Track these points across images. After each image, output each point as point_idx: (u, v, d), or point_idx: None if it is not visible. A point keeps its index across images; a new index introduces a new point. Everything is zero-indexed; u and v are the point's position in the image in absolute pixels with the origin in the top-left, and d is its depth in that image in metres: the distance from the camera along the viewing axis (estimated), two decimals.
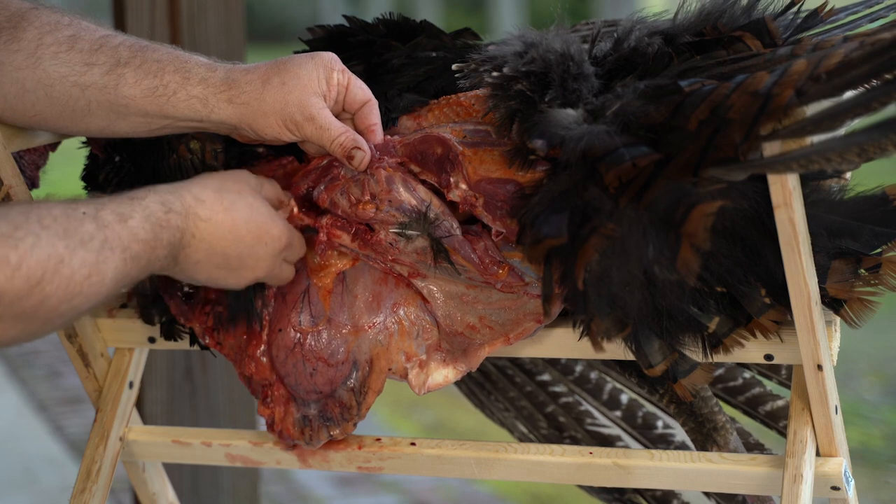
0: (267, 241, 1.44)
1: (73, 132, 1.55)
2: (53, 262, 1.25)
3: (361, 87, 1.49)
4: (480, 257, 1.44)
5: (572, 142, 1.35)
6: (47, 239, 1.25)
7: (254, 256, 1.44)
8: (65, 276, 1.26)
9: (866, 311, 1.40)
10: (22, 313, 1.24)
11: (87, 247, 1.29)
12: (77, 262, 1.27)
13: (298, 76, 1.45)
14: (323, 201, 1.49)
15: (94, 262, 1.29)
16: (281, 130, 1.46)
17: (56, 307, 1.26)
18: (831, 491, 1.44)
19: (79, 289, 1.27)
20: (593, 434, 1.81)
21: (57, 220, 1.28)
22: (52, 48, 1.47)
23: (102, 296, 1.31)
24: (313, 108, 1.45)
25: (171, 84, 1.46)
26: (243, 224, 1.42)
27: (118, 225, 1.32)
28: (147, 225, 1.35)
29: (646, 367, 1.40)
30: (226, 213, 1.41)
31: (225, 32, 2.33)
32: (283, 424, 1.53)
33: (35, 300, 1.24)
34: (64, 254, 1.26)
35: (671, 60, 1.44)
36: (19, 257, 1.23)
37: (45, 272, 1.24)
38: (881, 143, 1.18)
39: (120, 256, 1.32)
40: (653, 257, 1.30)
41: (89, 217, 1.30)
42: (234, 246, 1.42)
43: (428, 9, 10.55)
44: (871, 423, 3.32)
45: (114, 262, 1.31)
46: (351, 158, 1.45)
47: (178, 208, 1.38)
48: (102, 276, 1.30)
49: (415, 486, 3.08)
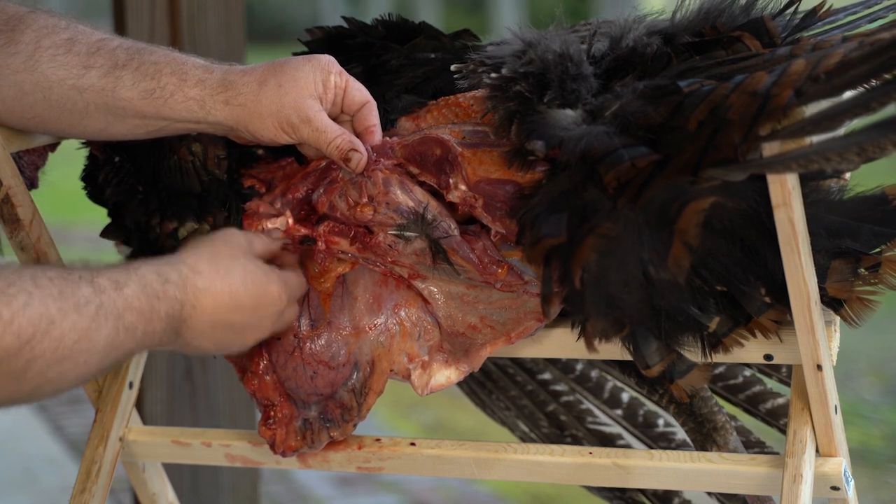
0: (267, 302, 1.43)
1: (72, 134, 1.55)
2: (45, 323, 1.23)
3: (359, 89, 1.48)
4: (479, 257, 1.44)
5: (571, 142, 1.35)
6: (40, 298, 1.23)
7: (257, 318, 1.43)
8: (54, 338, 1.24)
9: (866, 311, 1.40)
10: (10, 372, 1.22)
11: (81, 311, 1.26)
12: (68, 326, 1.25)
13: (295, 78, 1.45)
14: (322, 205, 1.49)
15: (86, 328, 1.27)
16: (277, 132, 1.46)
17: (44, 370, 1.24)
18: (831, 491, 1.44)
19: (67, 353, 1.25)
20: (594, 433, 1.81)
21: (52, 280, 1.26)
22: (50, 51, 1.47)
23: (93, 365, 1.28)
24: (309, 110, 1.45)
25: (169, 86, 1.46)
26: (242, 290, 1.40)
27: (114, 292, 1.30)
28: (143, 295, 1.32)
29: (643, 368, 1.40)
30: (223, 281, 1.39)
31: (225, 32, 2.33)
32: (286, 445, 1.53)
33: (23, 359, 1.22)
34: (55, 315, 1.24)
35: (670, 60, 1.44)
36: (11, 314, 1.21)
37: (36, 332, 1.22)
38: (880, 142, 1.18)
39: (113, 325, 1.29)
40: (647, 256, 1.30)
41: (85, 281, 1.28)
42: (235, 313, 1.40)
43: (428, 9, 10.55)
44: (871, 423, 3.32)
45: (106, 331, 1.29)
46: (348, 161, 1.45)
47: (175, 279, 1.36)
48: (93, 344, 1.27)
49: (415, 486, 3.08)
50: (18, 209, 1.55)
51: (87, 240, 5.19)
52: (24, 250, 1.57)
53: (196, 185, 1.57)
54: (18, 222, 1.55)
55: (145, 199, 1.59)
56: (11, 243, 1.57)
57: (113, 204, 1.62)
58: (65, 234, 5.25)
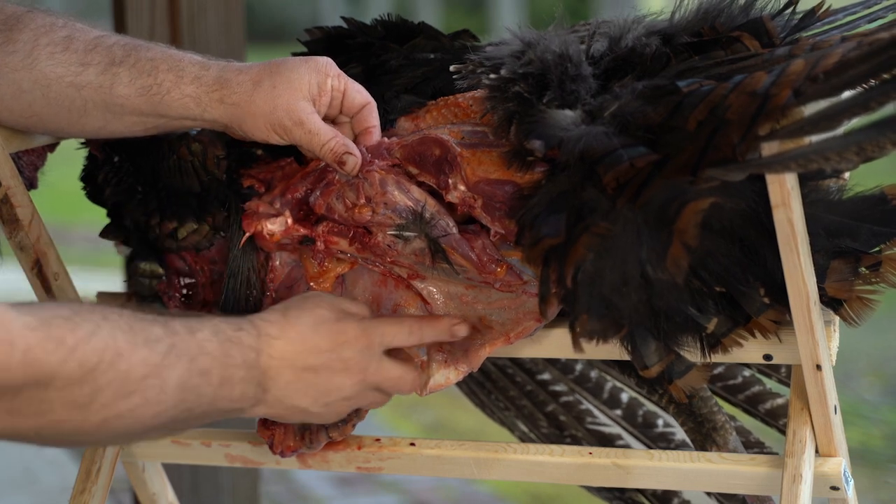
0: (345, 339, 1.40)
1: (71, 133, 1.55)
2: (111, 354, 1.21)
3: (359, 91, 1.48)
4: (479, 256, 1.44)
5: (570, 143, 1.35)
6: (108, 330, 1.21)
7: (341, 360, 1.40)
8: (121, 371, 1.21)
9: (866, 311, 1.40)
10: (73, 401, 1.20)
11: (152, 348, 1.24)
12: (136, 359, 1.23)
13: (290, 80, 1.44)
14: (319, 207, 1.49)
15: (157, 363, 1.24)
16: (269, 133, 1.45)
17: (110, 403, 1.21)
18: (831, 491, 1.45)
19: (135, 387, 1.22)
20: (594, 433, 1.81)
21: (122, 316, 1.24)
22: (48, 49, 1.47)
23: (166, 405, 1.25)
24: (302, 112, 1.44)
25: (165, 83, 1.46)
26: (314, 334, 1.38)
27: (186, 334, 1.28)
28: (215, 340, 1.31)
29: (642, 369, 1.40)
30: (293, 328, 1.37)
31: (225, 32, 2.33)
32: (284, 444, 1.53)
33: (88, 388, 1.20)
34: (124, 347, 1.22)
35: (669, 61, 1.43)
36: (76, 341, 1.19)
37: (101, 362, 1.20)
38: (879, 141, 1.18)
39: (186, 366, 1.27)
40: (645, 256, 1.30)
41: (158, 323, 1.27)
42: (314, 356, 1.38)
43: (428, 9, 10.54)
44: (870, 423, 3.32)
45: (178, 371, 1.26)
46: (343, 164, 1.45)
47: (248, 327, 1.35)
48: (163, 381, 1.25)
49: (415, 486, 3.08)
50: (17, 209, 1.55)
51: (86, 240, 5.20)
52: (23, 250, 1.57)
53: (195, 185, 1.57)
54: (17, 222, 1.55)
55: (144, 199, 1.59)
56: (10, 243, 1.57)
57: (112, 204, 1.62)
58: (64, 235, 5.25)
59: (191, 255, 1.58)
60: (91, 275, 3.96)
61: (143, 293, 1.60)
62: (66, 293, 1.60)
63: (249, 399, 1.35)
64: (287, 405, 1.39)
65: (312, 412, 1.40)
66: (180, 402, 1.27)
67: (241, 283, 1.54)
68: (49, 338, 1.17)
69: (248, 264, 1.54)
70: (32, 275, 1.59)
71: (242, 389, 1.34)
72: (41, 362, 1.17)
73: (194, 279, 1.60)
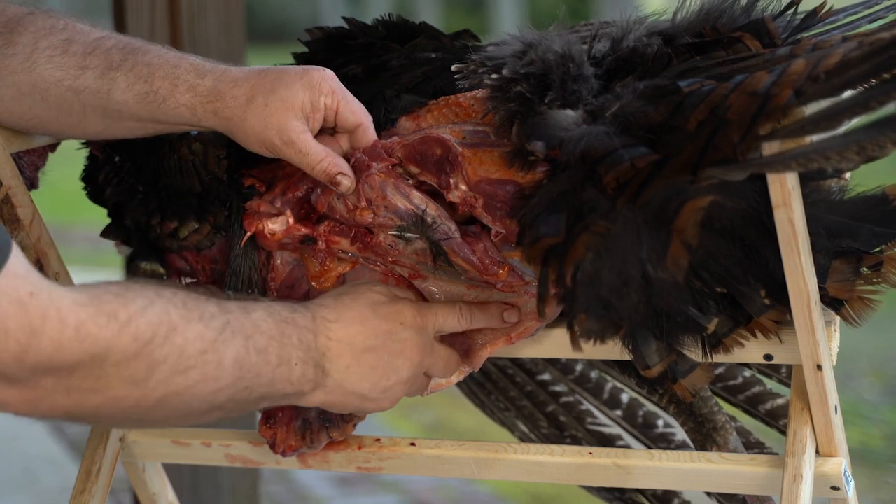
0: (402, 320, 1.40)
1: (72, 135, 1.54)
2: (165, 328, 1.20)
3: (353, 111, 1.46)
4: (480, 258, 1.44)
5: (571, 143, 1.35)
6: (161, 305, 1.21)
7: (399, 342, 1.40)
8: (177, 345, 1.21)
9: (867, 311, 1.40)
10: (130, 377, 1.19)
11: (207, 323, 1.24)
12: (192, 334, 1.22)
13: (284, 98, 1.42)
14: (321, 205, 1.49)
15: (213, 339, 1.24)
16: (260, 149, 1.45)
17: (168, 378, 1.21)
18: (831, 491, 1.45)
19: (192, 362, 1.22)
20: (594, 433, 1.81)
21: (176, 294, 1.24)
22: (47, 52, 1.46)
23: (223, 382, 1.25)
24: (293, 132, 1.42)
25: (161, 91, 1.45)
26: (371, 314, 1.39)
27: (241, 313, 1.28)
28: (270, 320, 1.30)
29: (643, 369, 1.40)
30: (349, 310, 1.38)
31: (225, 32, 2.33)
32: (286, 444, 1.53)
33: (144, 363, 1.19)
34: (178, 322, 1.22)
35: (670, 61, 1.43)
36: (129, 315, 1.18)
37: (156, 336, 1.19)
38: (880, 141, 1.18)
39: (242, 343, 1.26)
40: (645, 256, 1.30)
41: (212, 302, 1.27)
42: (372, 337, 1.39)
43: (428, 9, 10.55)
44: (871, 423, 3.32)
45: (235, 347, 1.26)
46: (337, 185, 1.44)
47: (302, 309, 1.35)
48: (220, 357, 1.24)
49: (415, 486, 3.08)
50: (18, 209, 1.55)
51: (87, 240, 5.20)
52: (24, 250, 1.56)
53: (196, 185, 1.57)
54: (18, 222, 1.55)
55: (145, 199, 1.59)
56: None
57: (113, 204, 1.62)
58: (65, 235, 5.26)
59: (192, 254, 1.58)
60: (92, 275, 3.96)
61: None
62: None
63: (309, 381, 1.34)
64: (347, 390, 1.38)
65: (370, 398, 1.40)
66: (238, 381, 1.27)
67: (242, 283, 1.54)
68: (101, 312, 1.17)
69: (250, 264, 1.54)
70: None
71: (302, 370, 1.33)
72: (94, 337, 1.16)
73: (195, 279, 1.60)
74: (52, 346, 1.15)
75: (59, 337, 1.15)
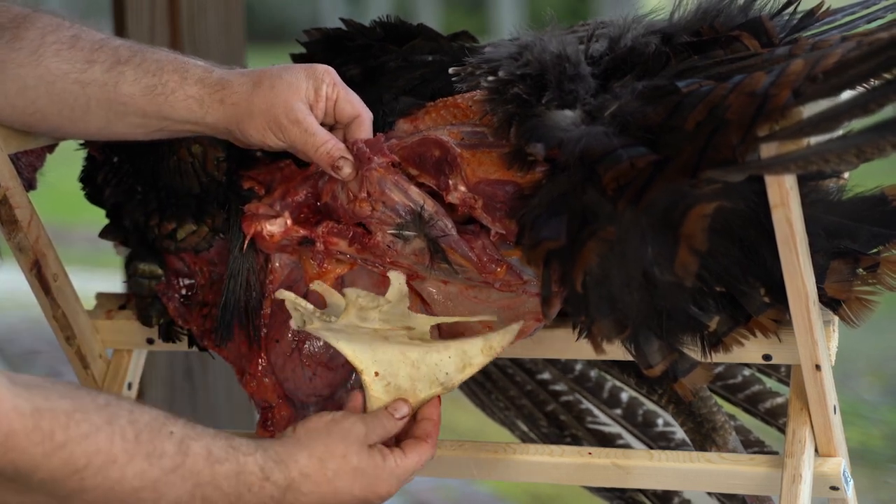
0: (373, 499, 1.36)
1: (72, 132, 1.55)
2: (102, 459, 1.18)
3: (350, 102, 1.48)
4: (478, 255, 1.44)
5: (570, 143, 1.35)
6: (107, 435, 1.19)
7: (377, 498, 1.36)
8: (110, 478, 1.19)
9: (865, 311, 1.40)
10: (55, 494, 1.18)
11: (153, 462, 1.21)
12: (131, 471, 1.20)
13: (289, 83, 1.45)
14: (326, 193, 1.49)
15: (154, 479, 1.21)
16: (265, 133, 1.46)
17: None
18: (830, 491, 1.45)
19: (123, 497, 1.20)
20: (594, 432, 1.81)
21: (134, 424, 1.21)
22: (54, 46, 1.48)
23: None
24: (299, 112, 1.44)
25: (170, 83, 1.47)
26: (347, 494, 1.33)
27: (203, 461, 1.25)
28: (234, 481, 1.26)
29: (645, 368, 1.40)
30: (329, 484, 1.32)
31: (225, 32, 2.34)
32: None
33: (72, 486, 1.18)
34: (119, 456, 1.19)
35: (669, 60, 1.43)
36: (67, 438, 1.17)
37: (90, 465, 1.18)
38: (879, 143, 1.18)
39: (189, 491, 1.24)
40: (652, 259, 1.30)
41: (174, 439, 1.23)
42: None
43: (427, 9, 10.53)
44: (870, 423, 3.32)
45: (177, 492, 1.23)
46: (338, 169, 1.44)
47: (279, 481, 1.29)
48: (159, 496, 1.22)
49: (415, 486, 3.07)
50: (16, 210, 1.55)
51: (85, 240, 5.19)
52: (22, 251, 1.57)
53: (195, 186, 1.57)
54: (16, 223, 1.55)
55: (144, 200, 1.59)
56: (9, 244, 1.57)
57: (111, 205, 1.62)
58: (63, 235, 5.25)
59: (190, 256, 1.58)
60: (90, 275, 3.95)
61: (142, 294, 1.60)
62: (65, 294, 1.60)
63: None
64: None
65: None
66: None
67: (240, 285, 1.54)
68: (37, 428, 1.16)
69: (248, 266, 1.54)
70: (31, 276, 1.59)
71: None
72: (21, 450, 1.15)
73: (193, 280, 1.60)
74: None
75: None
